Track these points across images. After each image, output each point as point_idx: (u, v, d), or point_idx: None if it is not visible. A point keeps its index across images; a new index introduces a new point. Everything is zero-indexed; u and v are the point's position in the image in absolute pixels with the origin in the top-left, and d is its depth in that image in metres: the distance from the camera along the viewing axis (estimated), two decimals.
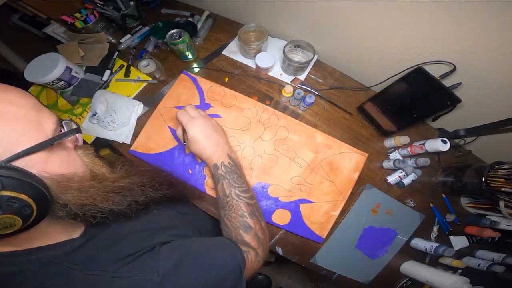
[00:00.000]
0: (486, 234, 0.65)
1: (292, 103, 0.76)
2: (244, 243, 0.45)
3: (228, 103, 0.74)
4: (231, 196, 0.47)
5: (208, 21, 0.88)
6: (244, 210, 0.46)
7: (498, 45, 0.50)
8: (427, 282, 0.62)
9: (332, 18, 0.68)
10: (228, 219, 0.46)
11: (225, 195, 0.47)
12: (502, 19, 0.46)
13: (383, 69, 0.70)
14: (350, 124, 0.76)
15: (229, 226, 0.46)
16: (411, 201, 0.71)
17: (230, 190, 0.47)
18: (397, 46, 0.63)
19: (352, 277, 0.67)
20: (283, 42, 0.80)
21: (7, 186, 0.25)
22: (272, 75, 0.80)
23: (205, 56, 0.84)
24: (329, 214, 0.66)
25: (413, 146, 0.68)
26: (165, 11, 0.93)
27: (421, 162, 0.64)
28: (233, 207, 0.46)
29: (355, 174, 0.68)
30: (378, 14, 0.59)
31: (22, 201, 0.26)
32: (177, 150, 0.69)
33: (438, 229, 0.70)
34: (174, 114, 0.72)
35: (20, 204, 0.26)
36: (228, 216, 0.46)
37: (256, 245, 0.45)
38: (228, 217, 0.46)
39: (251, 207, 0.48)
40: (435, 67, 0.59)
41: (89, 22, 0.82)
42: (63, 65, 0.72)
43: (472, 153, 0.76)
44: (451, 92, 0.55)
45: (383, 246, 0.69)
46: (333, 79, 0.80)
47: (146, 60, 0.79)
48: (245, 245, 0.45)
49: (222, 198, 0.47)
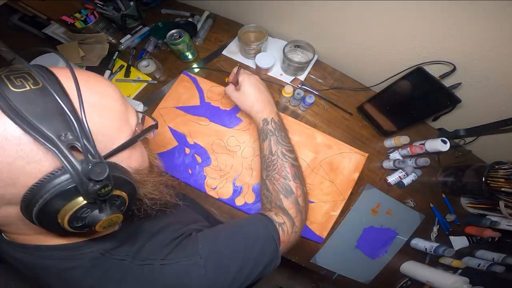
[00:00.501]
0: (486, 234, 0.65)
1: (292, 103, 0.76)
2: (282, 210, 0.44)
3: (228, 103, 0.74)
4: (277, 154, 0.46)
5: (208, 21, 0.88)
6: (288, 172, 0.46)
7: (498, 45, 0.50)
8: (427, 282, 0.62)
9: (332, 18, 0.68)
10: (270, 181, 0.45)
11: (271, 153, 0.46)
12: (502, 19, 0.46)
13: (383, 69, 0.70)
14: (350, 124, 0.76)
15: (270, 189, 0.46)
16: (411, 201, 0.71)
17: (277, 148, 0.46)
18: (397, 46, 0.63)
19: (352, 277, 0.67)
20: (283, 42, 0.80)
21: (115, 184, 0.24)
22: (272, 75, 0.80)
23: (205, 56, 0.84)
24: (329, 214, 0.66)
25: (413, 146, 0.68)
26: (165, 11, 0.93)
27: (421, 162, 0.64)
28: (278, 167, 0.45)
29: (355, 174, 0.68)
30: (378, 14, 0.59)
31: (122, 198, 0.26)
32: (177, 150, 0.69)
33: (438, 229, 0.70)
34: (174, 114, 0.73)
35: (120, 202, 0.26)
36: (271, 177, 0.45)
37: (294, 212, 0.44)
38: (270, 179, 0.45)
39: (295, 169, 0.47)
40: (435, 67, 0.59)
41: (89, 23, 0.82)
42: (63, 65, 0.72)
43: (472, 153, 0.76)
44: (451, 92, 0.55)
45: (383, 246, 0.69)
46: (333, 79, 0.80)
47: (146, 61, 0.79)
48: (283, 213, 0.44)
49: (268, 156, 0.46)
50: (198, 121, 0.72)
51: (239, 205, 0.66)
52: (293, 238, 0.44)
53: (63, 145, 0.21)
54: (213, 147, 0.70)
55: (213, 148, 0.70)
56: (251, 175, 0.68)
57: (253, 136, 0.71)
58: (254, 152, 0.70)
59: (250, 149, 0.70)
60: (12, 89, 0.21)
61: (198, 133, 0.71)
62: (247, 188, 0.67)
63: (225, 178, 0.68)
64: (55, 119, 0.22)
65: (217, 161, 0.69)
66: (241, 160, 0.69)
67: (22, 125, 0.20)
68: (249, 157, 0.69)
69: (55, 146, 0.21)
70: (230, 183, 0.67)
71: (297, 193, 0.45)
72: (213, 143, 0.70)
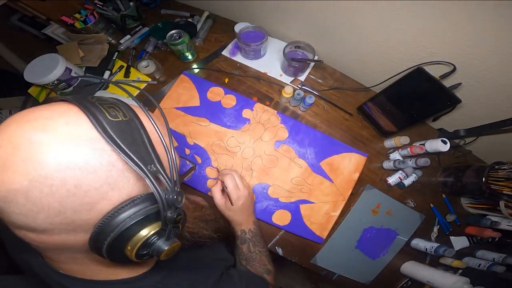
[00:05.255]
0: (487, 234, 0.65)
1: (292, 103, 0.76)
2: None
3: (228, 104, 0.74)
4: (255, 252, 0.54)
5: (208, 22, 0.88)
6: (265, 260, 0.55)
7: (498, 45, 0.50)
8: (428, 282, 0.62)
9: (332, 19, 0.68)
10: (252, 268, 0.53)
11: (250, 251, 0.54)
12: (502, 19, 0.46)
13: (383, 69, 0.70)
14: (350, 124, 0.76)
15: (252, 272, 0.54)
16: (411, 202, 0.71)
17: (255, 248, 0.55)
18: (397, 46, 0.63)
19: (352, 277, 0.67)
20: (283, 43, 0.80)
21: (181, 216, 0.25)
22: (272, 76, 0.80)
23: (205, 57, 0.84)
24: (329, 214, 0.66)
25: (413, 147, 0.68)
26: (164, 11, 0.93)
27: (421, 163, 0.64)
28: (257, 259, 0.54)
29: (355, 174, 0.68)
30: (378, 14, 0.59)
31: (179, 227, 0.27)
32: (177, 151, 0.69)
33: (439, 229, 0.70)
34: (174, 115, 0.72)
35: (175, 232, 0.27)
36: (252, 265, 0.53)
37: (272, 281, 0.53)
38: (252, 266, 0.53)
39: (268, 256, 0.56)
40: (435, 67, 0.59)
41: (89, 23, 0.82)
42: (62, 66, 0.72)
43: (472, 153, 0.76)
44: (451, 93, 0.55)
45: (384, 247, 0.69)
46: (333, 80, 0.80)
47: (146, 61, 0.79)
48: None
49: (247, 253, 0.54)
50: (198, 122, 0.72)
51: None
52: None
53: (150, 174, 0.22)
54: (213, 147, 0.70)
55: (213, 148, 0.70)
56: (251, 176, 0.68)
57: (253, 137, 0.71)
58: (254, 153, 0.69)
59: (250, 150, 0.70)
60: (109, 118, 0.22)
61: (198, 133, 0.71)
62: None
63: None
64: (142, 150, 0.23)
65: (217, 161, 0.69)
66: (241, 161, 0.69)
67: (118, 151, 0.21)
68: (249, 158, 0.69)
69: (145, 174, 0.22)
70: None
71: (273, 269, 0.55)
72: (213, 144, 0.70)
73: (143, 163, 0.22)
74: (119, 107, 0.24)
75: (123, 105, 0.25)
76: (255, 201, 0.66)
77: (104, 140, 0.21)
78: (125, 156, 0.21)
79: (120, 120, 0.23)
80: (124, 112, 0.24)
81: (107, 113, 0.23)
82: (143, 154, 0.23)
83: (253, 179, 0.68)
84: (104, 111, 0.23)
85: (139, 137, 0.24)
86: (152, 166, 0.23)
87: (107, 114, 0.22)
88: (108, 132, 0.21)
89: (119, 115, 0.23)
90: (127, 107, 0.25)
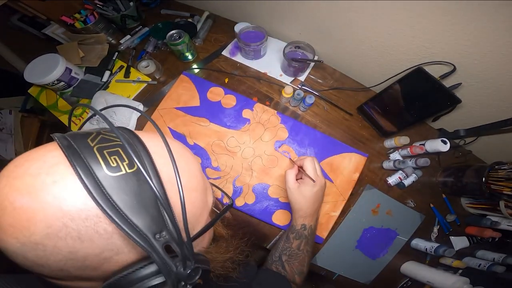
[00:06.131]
0: (487, 235, 0.65)
1: (292, 103, 0.76)
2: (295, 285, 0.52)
3: (228, 104, 0.74)
4: (303, 251, 0.52)
5: (208, 22, 0.88)
6: (305, 261, 0.52)
7: (498, 45, 0.50)
8: (428, 282, 0.62)
9: (332, 19, 0.68)
10: (289, 265, 0.50)
11: (299, 249, 0.51)
12: (502, 19, 0.45)
13: (383, 69, 0.70)
14: (350, 124, 0.76)
15: (287, 270, 0.51)
16: (411, 202, 0.71)
17: (305, 247, 0.52)
18: (397, 46, 0.63)
19: (352, 277, 0.67)
20: (283, 43, 0.80)
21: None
22: (272, 76, 0.80)
23: (205, 57, 0.84)
24: (329, 214, 0.66)
25: (413, 147, 0.68)
26: (164, 11, 0.93)
27: (421, 163, 0.64)
28: (300, 259, 0.51)
29: (355, 174, 0.68)
30: (378, 14, 0.59)
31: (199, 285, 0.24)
32: None
33: (439, 229, 0.70)
34: (174, 115, 0.72)
35: None
36: (291, 263, 0.51)
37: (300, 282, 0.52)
38: (290, 264, 0.51)
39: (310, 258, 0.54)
40: (435, 68, 0.59)
41: (89, 23, 0.82)
42: (62, 66, 0.72)
43: (472, 153, 0.76)
44: (451, 93, 0.55)
45: (384, 247, 0.69)
46: (333, 80, 0.80)
47: (146, 61, 0.79)
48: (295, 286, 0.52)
49: (294, 250, 0.51)
50: (198, 122, 0.72)
51: (239, 206, 0.66)
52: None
53: (158, 244, 0.19)
54: (213, 147, 0.70)
55: (213, 148, 0.70)
56: (251, 176, 0.68)
57: (253, 137, 0.71)
58: (254, 153, 0.69)
59: (250, 150, 0.70)
60: (108, 173, 0.19)
61: (198, 133, 0.71)
62: (247, 189, 0.67)
63: (225, 179, 0.68)
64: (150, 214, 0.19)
65: (217, 161, 0.69)
66: (241, 161, 0.69)
67: (116, 220, 0.18)
68: (249, 158, 0.69)
69: (151, 246, 0.19)
70: (230, 184, 0.67)
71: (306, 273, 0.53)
72: (213, 144, 0.70)
73: (151, 231, 0.19)
74: (125, 152, 0.20)
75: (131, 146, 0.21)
76: (255, 201, 0.66)
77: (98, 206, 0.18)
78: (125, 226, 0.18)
79: (123, 173, 0.19)
80: (132, 158, 0.20)
81: (106, 165, 0.19)
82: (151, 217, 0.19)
83: (253, 179, 0.68)
84: (103, 162, 0.19)
85: (148, 194, 0.20)
86: (163, 234, 0.20)
87: (105, 167, 0.19)
88: (103, 195, 0.18)
89: (123, 166, 0.19)
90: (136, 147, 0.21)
